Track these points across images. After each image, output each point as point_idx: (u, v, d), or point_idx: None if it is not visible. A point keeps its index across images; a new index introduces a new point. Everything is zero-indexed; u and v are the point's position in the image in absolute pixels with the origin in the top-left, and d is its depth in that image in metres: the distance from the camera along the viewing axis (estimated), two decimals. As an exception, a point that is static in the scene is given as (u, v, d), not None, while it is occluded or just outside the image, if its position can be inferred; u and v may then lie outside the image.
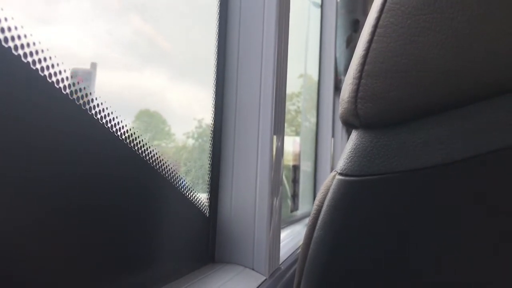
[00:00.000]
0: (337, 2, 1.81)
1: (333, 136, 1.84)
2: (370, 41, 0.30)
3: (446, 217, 0.29)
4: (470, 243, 0.28)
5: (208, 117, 0.67)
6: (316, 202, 0.35)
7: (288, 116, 1.29)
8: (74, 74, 0.36)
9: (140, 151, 0.45)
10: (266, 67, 0.66)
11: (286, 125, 0.76)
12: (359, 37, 0.32)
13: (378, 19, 0.29)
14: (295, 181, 1.41)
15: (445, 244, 0.29)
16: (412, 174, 0.29)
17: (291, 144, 1.42)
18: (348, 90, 0.31)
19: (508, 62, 0.27)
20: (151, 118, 0.53)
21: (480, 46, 0.27)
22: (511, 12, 0.27)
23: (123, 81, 0.47)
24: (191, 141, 0.64)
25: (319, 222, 0.34)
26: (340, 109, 0.32)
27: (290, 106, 1.49)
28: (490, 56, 0.27)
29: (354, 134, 0.32)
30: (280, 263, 0.76)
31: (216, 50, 0.68)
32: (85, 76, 0.38)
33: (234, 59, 0.68)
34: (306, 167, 1.66)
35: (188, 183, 0.58)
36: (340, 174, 0.32)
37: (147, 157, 0.47)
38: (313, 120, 1.78)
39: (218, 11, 0.68)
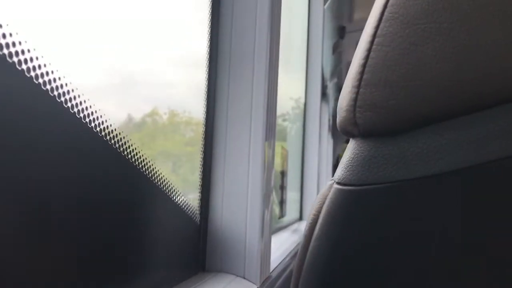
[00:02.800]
0: (324, 9, 1.82)
1: (319, 140, 1.85)
2: (369, 50, 0.29)
3: (446, 226, 0.29)
4: (469, 255, 0.28)
5: (200, 124, 0.67)
6: (313, 211, 0.35)
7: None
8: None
9: (129, 156, 0.44)
10: (257, 74, 0.66)
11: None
12: (345, 43, 0.32)
13: (376, 28, 0.29)
14: (282, 187, 1.41)
15: (444, 251, 0.29)
16: (411, 184, 0.29)
17: (279, 150, 1.42)
18: (347, 99, 0.30)
19: (506, 73, 0.27)
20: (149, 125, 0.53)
21: (478, 57, 0.27)
22: (508, 24, 0.27)
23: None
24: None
25: (315, 232, 0.33)
26: (338, 117, 0.32)
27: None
28: (488, 67, 0.27)
29: (352, 143, 0.32)
30: (271, 271, 0.75)
31: (208, 56, 0.67)
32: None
33: (225, 65, 0.67)
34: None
35: (179, 190, 0.57)
36: (338, 183, 0.32)
37: (136, 162, 0.46)
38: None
39: (210, 18, 0.67)
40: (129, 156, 0.44)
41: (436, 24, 0.28)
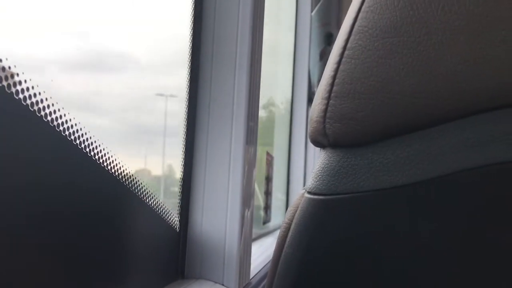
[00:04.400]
0: (311, 16, 1.83)
1: (306, 147, 1.86)
2: (339, 63, 0.30)
3: (414, 236, 0.29)
4: (435, 262, 0.29)
5: (181, 128, 0.67)
6: (285, 219, 0.35)
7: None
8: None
9: (105, 164, 0.44)
10: (239, 77, 0.66)
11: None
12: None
13: (346, 41, 0.30)
14: (267, 193, 1.41)
15: (412, 262, 0.29)
16: (378, 194, 0.30)
17: (264, 155, 1.42)
18: (317, 110, 0.31)
19: (471, 86, 0.28)
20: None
21: (444, 70, 0.28)
22: (473, 38, 0.28)
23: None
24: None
25: (287, 240, 0.34)
26: (309, 128, 0.33)
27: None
28: (454, 80, 0.28)
29: (323, 153, 0.32)
30: (251, 277, 0.75)
31: (190, 59, 0.67)
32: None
33: (207, 67, 0.68)
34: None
35: (157, 198, 0.57)
36: (309, 192, 0.32)
37: (109, 167, 0.45)
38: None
39: (192, 25, 0.68)
40: (105, 164, 0.44)
41: (404, 38, 0.29)
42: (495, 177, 0.28)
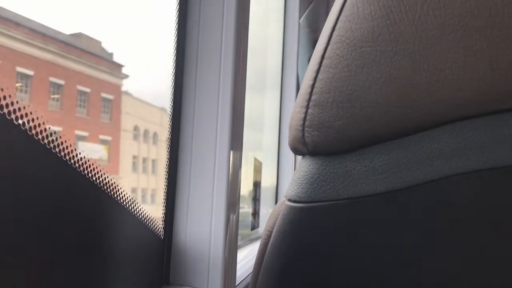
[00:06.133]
0: (299, 22, 1.84)
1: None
2: (317, 71, 0.30)
3: (391, 243, 0.29)
4: (415, 268, 0.29)
5: (164, 132, 0.66)
6: (267, 227, 0.36)
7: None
8: None
9: (86, 171, 0.44)
10: (224, 82, 0.66)
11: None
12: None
13: (325, 50, 0.30)
14: (255, 199, 1.41)
15: (391, 267, 0.29)
16: (357, 202, 0.30)
17: (252, 161, 1.42)
18: (296, 119, 0.31)
19: (447, 95, 0.28)
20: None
21: (420, 79, 0.28)
22: (449, 48, 0.28)
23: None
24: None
25: (268, 247, 0.34)
26: (289, 136, 0.33)
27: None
28: (430, 89, 0.28)
29: (302, 161, 0.32)
30: (236, 284, 0.75)
31: (174, 64, 0.67)
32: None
33: (192, 73, 0.68)
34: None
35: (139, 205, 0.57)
36: (289, 200, 0.32)
37: (89, 174, 0.45)
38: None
39: (176, 32, 0.68)
40: (86, 171, 0.44)
41: (381, 47, 0.29)
42: (472, 184, 0.28)
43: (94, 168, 0.45)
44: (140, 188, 0.63)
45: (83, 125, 0.51)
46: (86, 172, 0.44)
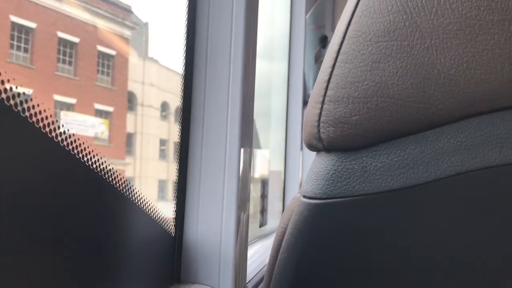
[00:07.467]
0: (305, 19, 1.84)
1: (301, 149, 1.86)
2: (333, 67, 0.30)
3: (407, 239, 0.29)
4: (429, 264, 0.29)
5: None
6: (281, 224, 0.35)
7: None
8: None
9: (98, 169, 0.44)
10: (234, 79, 0.66)
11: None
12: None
13: (340, 45, 0.30)
14: (263, 196, 1.41)
15: (407, 263, 0.29)
16: (373, 198, 0.30)
17: (260, 158, 1.42)
18: (311, 114, 0.31)
19: (463, 90, 0.28)
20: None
21: (437, 74, 0.28)
22: (466, 42, 0.28)
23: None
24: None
25: (283, 244, 0.33)
26: (304, 132, 0.33)
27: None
28: (447, 84, 0.28)
29: (317, 157, 0.32)
30: (247, 281, 0.75)
31: (184, 61, 0.67)
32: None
33: (202, 70, 0.68)
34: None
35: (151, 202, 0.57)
36: (304, 196, 0.32)
37: (102, 172, 0.45)
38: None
39: (186, 23, 0.68)
40: (98, 169, 0.44)
41: (397, 42, 0.29)
42: (489, 181, 0.28)
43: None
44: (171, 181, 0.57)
45: (67, 89, 0.36)
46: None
